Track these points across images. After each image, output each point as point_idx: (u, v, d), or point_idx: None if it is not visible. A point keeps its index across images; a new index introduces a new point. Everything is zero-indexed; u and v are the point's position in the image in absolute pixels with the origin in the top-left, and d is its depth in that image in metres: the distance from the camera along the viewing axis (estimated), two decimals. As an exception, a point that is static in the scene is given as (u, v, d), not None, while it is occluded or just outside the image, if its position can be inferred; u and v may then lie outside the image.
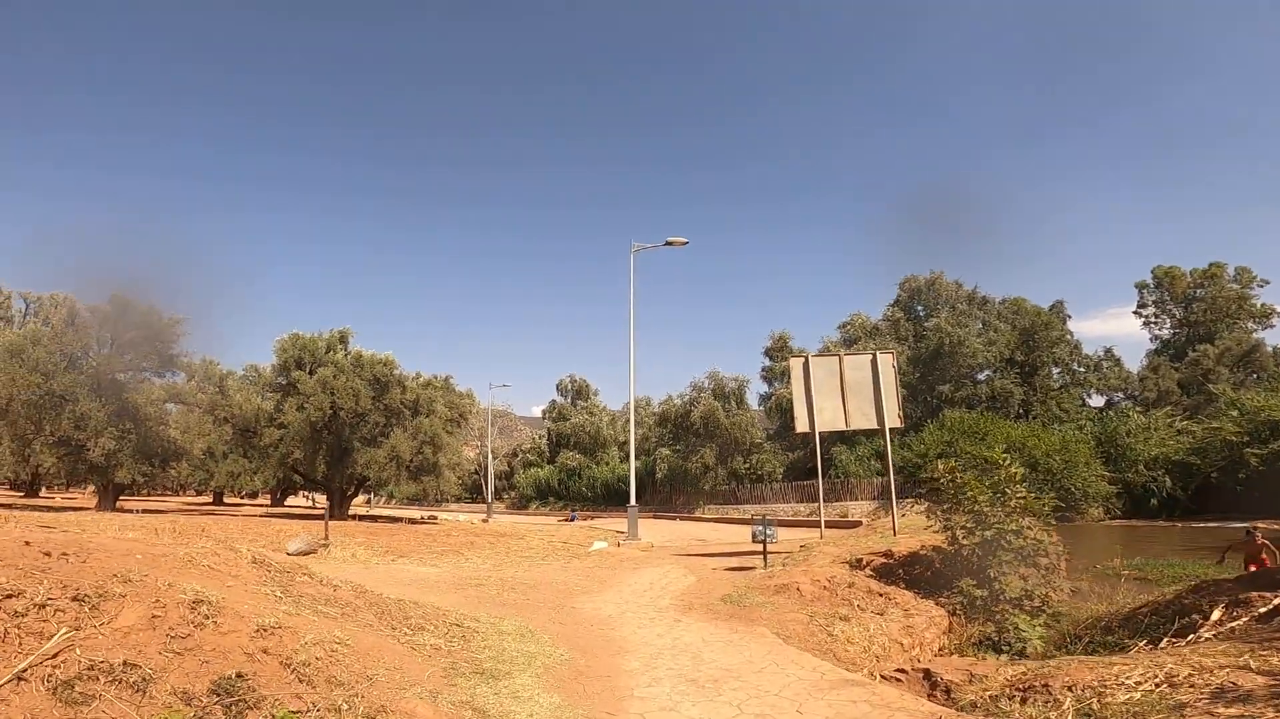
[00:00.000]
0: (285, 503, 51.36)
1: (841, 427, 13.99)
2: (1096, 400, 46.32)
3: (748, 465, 41.23)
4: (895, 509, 15.06)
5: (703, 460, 40.38)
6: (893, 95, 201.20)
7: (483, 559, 12.04)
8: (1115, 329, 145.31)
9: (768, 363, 45.37)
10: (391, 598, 6.22)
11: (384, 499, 62.77)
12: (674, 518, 37.47)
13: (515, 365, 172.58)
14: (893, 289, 48.21)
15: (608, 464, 53.40)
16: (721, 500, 40.93)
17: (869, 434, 36.48)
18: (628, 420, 20.30)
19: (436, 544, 14.02)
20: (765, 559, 10.80)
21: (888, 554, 9.26)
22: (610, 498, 49.09)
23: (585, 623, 7.15)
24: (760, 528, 10.69)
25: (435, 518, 34.57)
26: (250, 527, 16.48)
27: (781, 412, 41.55)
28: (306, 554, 10.22)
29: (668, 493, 45.16)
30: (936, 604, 7.76)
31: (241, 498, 64.75)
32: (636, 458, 42.51)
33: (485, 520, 34.39)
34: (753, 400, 45.03)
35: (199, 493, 59.21)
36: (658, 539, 19.61)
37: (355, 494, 29.53)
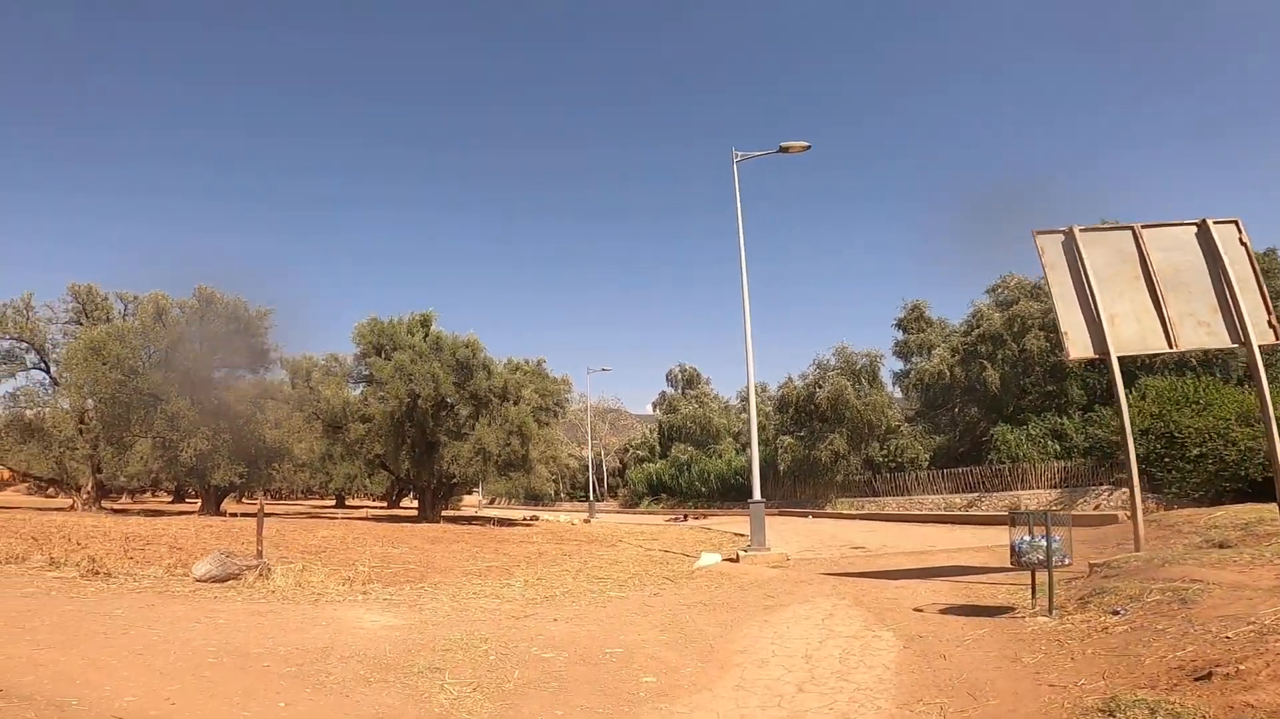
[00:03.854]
0: (400, 504, 51.13)
1: (1162, 346, 8.03)
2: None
3: (885, 452, 35.56)
4: None
5: (833, 447, 35.11)
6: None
7: (525, 585, 8.20)
8: None
9: (900, 336, 39.31)
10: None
11: (504, 499, 61.89)
12: (804, 514, 32.78)
13: (629, 363, 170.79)
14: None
15: (721, 456, 49.17)
16: (856, 493, 35.73)
17: (1059, 400, 29.66)
18: (740, 409, 15.66)
19: (490, 557, 10.48)
20: (1050, 600, 5.67)
21: None
22: (725, 493, 44.96)
23: None
24: (1029, 538, 5.33)
25: (536, 518, 32.10)
26: (204, 532, 13.20)
27: (924, 388, 35.46)
28: (222, 581, 7.07)
29: (790, 486, 40.22)
30: None
31: (376, 500, 65.78)
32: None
33: (586, 521, 31.38)
34: (885, 380, 39.24)
35: (335, 497, 59.40)
36: (792, 546, 14.40)
37: (449, 493, 27.39)
